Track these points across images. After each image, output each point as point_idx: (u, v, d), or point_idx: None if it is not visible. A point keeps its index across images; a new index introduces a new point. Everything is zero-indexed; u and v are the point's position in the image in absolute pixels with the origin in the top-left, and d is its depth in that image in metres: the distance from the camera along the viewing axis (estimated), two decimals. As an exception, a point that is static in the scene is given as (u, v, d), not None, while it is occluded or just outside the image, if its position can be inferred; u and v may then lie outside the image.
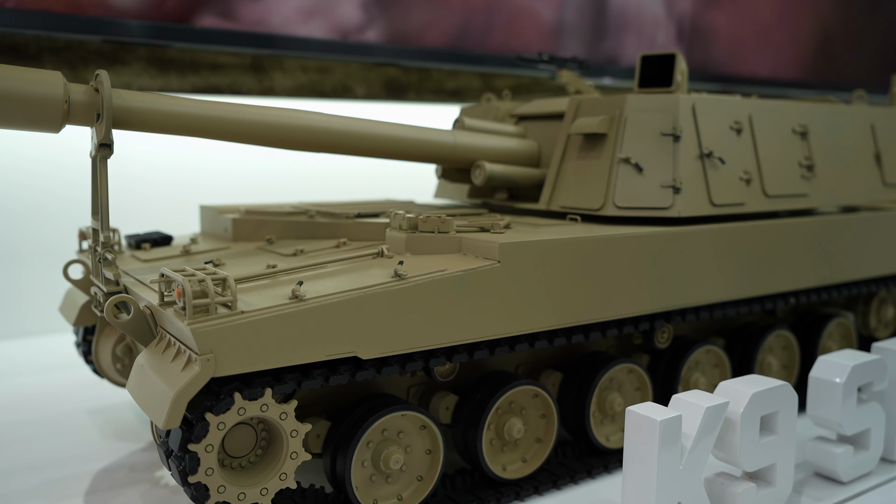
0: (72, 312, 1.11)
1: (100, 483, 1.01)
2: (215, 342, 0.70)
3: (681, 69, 1.20)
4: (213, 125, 0.96)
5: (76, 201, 1.70)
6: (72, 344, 1.61)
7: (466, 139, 1.18)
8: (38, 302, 1.72)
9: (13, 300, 1.71)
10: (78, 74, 1.51)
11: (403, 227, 0.95)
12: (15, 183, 1.68)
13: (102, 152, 0.88)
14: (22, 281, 1.71)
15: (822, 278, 1.23)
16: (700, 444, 0.80)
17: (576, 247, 0.93)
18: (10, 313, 1.71)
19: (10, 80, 0.82)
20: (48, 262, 1.72)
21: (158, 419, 0.69)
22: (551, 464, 1.01)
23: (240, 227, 1.14)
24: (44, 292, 1.71)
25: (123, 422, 1.22)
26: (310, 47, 1.57)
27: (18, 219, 1.69)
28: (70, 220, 1.71)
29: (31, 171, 1.69)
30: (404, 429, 0.88)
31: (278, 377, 0.76)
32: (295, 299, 0.75)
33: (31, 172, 1.69)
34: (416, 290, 0.81)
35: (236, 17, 1.49)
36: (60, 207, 1.72)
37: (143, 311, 0.81)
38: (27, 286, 1.71)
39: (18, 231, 1.71)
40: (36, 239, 1.71)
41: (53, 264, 1.71)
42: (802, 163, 1.22)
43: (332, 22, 1.65)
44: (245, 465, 0.78)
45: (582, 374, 1.03)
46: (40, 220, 1.71)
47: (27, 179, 1.69)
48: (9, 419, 1.23)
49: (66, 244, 1.68)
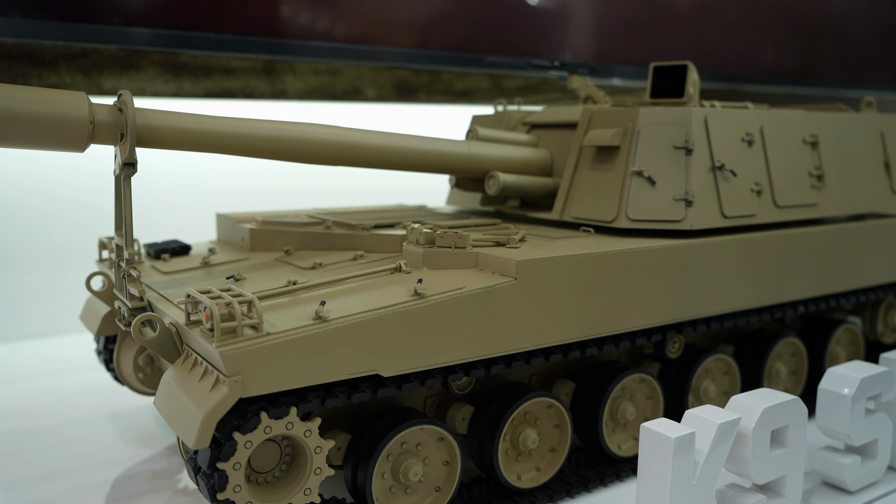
0: (94, 322, 1.13)
1: (123, 491, 1.03)
2: (243, 364, 0.72)
3: (693, 79, 1.22)
4: (233, 141, 0.97)
5: (91, 204, 1.72)
6: (89, 345, 1.64)
7: (480, 149, 1.20)
8: (54, 303, 1.74)
9: (28, 301, 1.73)
10: (93, 80, 1.52)
11: (421, 241, 0.97)
12: (31, 187, 1.70)
13: (126, 171, 0.89)
14: (38, 282, 1.73)
15: (831, 286, 1.25)
16: (712, 459, 0.82)
17: (591, 262, 0.95)
18: (27, 314, 1.74)
19: (37, 102, 0.84)
20: (63, 264, 1.74)
21: (188, 439, 0.71)
22: (565, 472, 1.03)
23: (257, 238, 1.15)
24: (62, 293, 1.73)
25: (143, 427, 1.24)
26: (321, 53, 1.58)
27: (31, 221, 1.71)
28: (84, 222, 1.74)
29: (50, 177, 1.71)
30: (423, 441, 0.90)
31: (302, 395, 0.78)
32: (318, 320, 0.77)
33: (51, 179, 1.71)
34: (436, 308, 0.83)
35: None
36: (77, 211, 1.74)
37: (169, 329, 0.83)
38: (43, 287, 1.74)
39: (34, 233, 1.73)
40: (52, 241, 1.73)
41: (68, 266, 1.73)
42: (812, 172, 1.24)
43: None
44: (270, 479, 0.80)
45: (595, 383, 1.05)
46: (53, 222, 1.73)
47: (44, 184, 1.71)
48: (30, 424, 1.25)
49: (80, 245, 1.71)
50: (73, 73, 1.50)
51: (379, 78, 1.88)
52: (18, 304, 1.73)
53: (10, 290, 1.71)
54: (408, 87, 1.93)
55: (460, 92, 2.02)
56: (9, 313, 1.72)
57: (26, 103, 0.83)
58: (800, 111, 1.28)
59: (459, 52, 1.74)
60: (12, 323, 1.72)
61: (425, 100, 1.98)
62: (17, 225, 1.70)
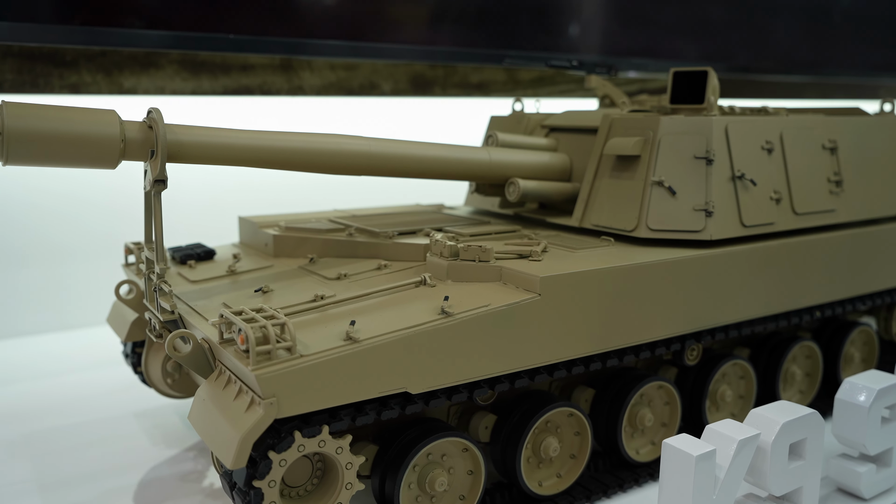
0: (122, 328, 1.15)
1: (154, 494, 1.06)
2: (278, 386, 0.74)
3: (713, 86, 1.22)
4: (261, 155, 0.99)
5: (110, 196, 1.74)
6: (112, 339, 1.66)
7: (500, 156, 1.21)
8: (76, 295, 1.77)
9: (48, 295, 1.76)
10: (113, 79, 1.53)
11: (445, 254, 0.99)
12: (49, 185, 1.72)
13: (157, 187, 0.91)
14: (60, 276, 1.76)
15: (848, 290, 1.26)
16: (732, 474, 0.84)
17: (614, 276, 0.96)
18: (50, 308, 1.77)
19: (70, 122, 0.85)
20: (80, 258, 1.77)
21: (226, 459, 0.73)
22: (584, 477, 1.05)
23: (281, 244, 1.17)
24: (84, 286, 1.76)
25: (170, 426, 1.27)
26: (338, 52, 1.59)
27: (43, 214, 1.73)
28: (104, 215, 1.76)
29: (67, 174, 1.73)
30: (448, 451, 0.92)
31: (334, 413, 0.80)
32: (349, 340, 0.79)
33: (69, 176, 1.73)
34: (462, 326, 0.85)
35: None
36: (94, 205, 1.76)
37: (202, 345, 0.85)
38: (67, 281, 1.76)
39: (53, 227, 1.75)
40: (74, 234, 1.76)
41: (89, 259, 1.76)
42: (831, 178, 1.24)
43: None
44: (302, 493, 0.83)
45: (614, 391, 1.07)
46: (71, 215, 1.75)
47: (61, 182, 1.72)
48: (58, 423, 1.28)
49: (99, 238, 1.74)
50: (93, 73, 1.51)
51: (395, 72, 1.88)
52: (41, 298, 1.76)
53: (32, 284, 1.74)
54: (423, 80, 1.93)
55: (475, 85, 2.02)
56: (30, 307, 1.75)
57: (59, 123, 0.84)
58: (819, 116, 1.28)
59: (476, 48, 1.74)
60: (35, 316, 1.75)
61: (441, 93, 1.98)
62: (34, 219, 1.72)
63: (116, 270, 1.64)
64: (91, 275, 1.76)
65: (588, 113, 1.33)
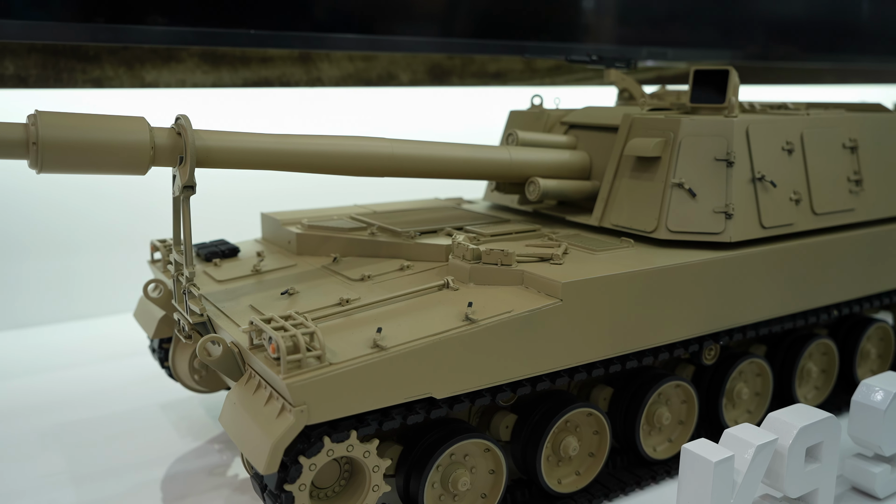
0: (150, 325, 1.18)
1: (183, 488, 1.09)
2: (308, 394, 0.76)
3: (734, 85, 1.22)
4: (286, 159, 1.00)
5: (126, 187, 1.76)
6: (131, 327, 1.69)
7: (521, 155, 1.22)
8: (94, 284, 1.80)
9: (67, 284, 1.79)
10: (135, 73, 1.55)
11: (467, 257, 1.00)
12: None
13: (185, 193, 0.93)
14: (83, 264, 1.79)
15: (865, 289, 1.27)
16: (750, 479, 0.86)
17: (635, 280, 0.97)
18: (68, 295, 1.80)
19: (101, 130, 0.86)
20: (101, 246, 1.80)
21: (258, 465, 0.76)
22: (603, 475, 1.07)
23: (304, 243, 1.19)
24: (102, 275, 1.79)
25: (195, 418, 1.30)
26: (357, 46, 1.60)
27: (62, 205, 1.75)
28: (123, 206, 1.78)
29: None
30: (470, 452, 0.94)
31: (361, 419, 0.82)
32: (376, 348, 0.81)
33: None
34: (486, 332, 0.87)
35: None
36: (114, 195, 1.78)
37: (232, 349, 0.87)
38: (91, 269, 1.79)
39: (72, 217, 1.77)
40: (89, 223, 1.78)
41: (105, 247, 1.79)
42: (851, 178, 1.24)
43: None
44: (330, 494, 0.85)
45: (632, 390, 1.09)
46: (90, 205, 1.77)
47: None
48: (86, 415, 1.32)
49: (120, 230, 1.76)
50: (115, 67, 1.52)
51: (413, 62, 1.88)
52: (60, 287, 1.79)
53: (54, 273, 1.77)
54: (441, 70, 1.94)
55: (493, 74, 2.02)
56: (49, 296, 1.78)
57: (90, 132, 0.86)
58: (840, 115, 1.28)
59: (494, 39, 1.74)
60: (55, 305, 1.78)
61: (458, 83, 1.98)
62: (52, 210, 1.74)
63: (133, 260, 1.67)
64: (109, 264, 1.79)
65: (608, 110, 1.33)
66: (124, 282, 1.75)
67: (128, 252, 1.75)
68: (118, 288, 1.79)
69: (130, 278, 1.68)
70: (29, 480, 1.11)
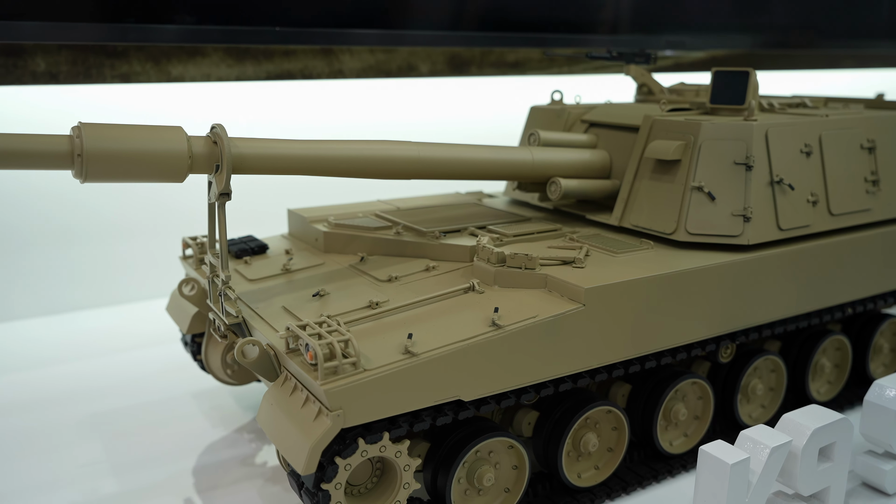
0: (184, 321, 1.22)
1: (217, 478, 1.13)
2: (344, 399, 0.80)
3: (753, 86, 1.24)
4: (315, 164, 1.03)
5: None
6: (158, 314, 1.73)
7: (542, 155, 1.24)
8: (122, 271, 1.85)
9: (95, 270, 1.83)
10: (161, 68, 1.57)
11: (492, 261, 1.03)
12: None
13: (221, 200, 0.96)
14: (114, 251, 1.83)
15: (880, 286, 1.29)
16: (764, 478, 0.90)
17: (655, 284, 1.00)
18: (103, 282, 1.84)
19: (141, 140, 0.90)
20: (135, 233, 1.84)
21: (297, 465, 0.80)
22: (621, 469, 1.11)
23: (331, 241, 1.22)
24: (131, 261, 1.84)
25: (227, 408, 1.34)
26: (379, 41, 1.62)
27: (91, 192, 1.79)
28: (157, 191, 1.82)
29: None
30: (494, 449, 0.98)
31: (393, 421, 0.86)
32: (407, 354, 0.85)
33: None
34: (511, 337, 0.90)
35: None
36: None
37: (268, 351, 0.91)
38: (120, 255, 1.84)
39: (100, 203, 1.81)
40: (122, 209, 1.82)
41: (139, 234, 1.83)
42: (868, 178, 1.26)
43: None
44: (363, 491, 0.90)
45: (650, 387, 1.12)
46: (119, 192, 1.81)
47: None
48: (121, 404, 1.36)
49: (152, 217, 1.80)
50: (143, 62, 1.55)
51: (432, 53, 1.90)
52: (98, 272, 1.83)
53: (87, 260, 1.81)
54: (460, 60, 1.95)
55: (511, 63, 2.04)
56: (80, 282, 1.82)
57: (131, 142, 0.89)
58: (858, 114, 1.29)
59: (514, 32, 1.75)
60: (84, 292, 1.83)
61: (477, 72, 2.00)
62: (81, 196, 1.78)
63: (167, 247, 1.71)
64: (142, 250, 1.83)
65: (628, 108, 1.35)
66: (157, 268, 1.80)
67: (161, 239, 1.79)
68: (151, 274, 1.83)
69: (163, 264, 1.73)
70: (70, 469, 1.16)
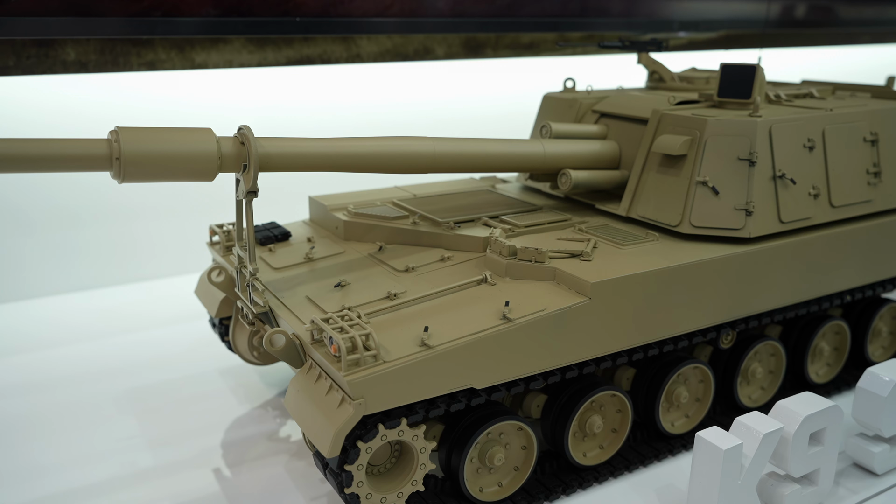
0: (212, 305, 1.29)
1: (245, 453, 1.21)
2: (365, 389, 0.87)
3: (760, 81, 1.27)
4: (337, 161, 1.09)
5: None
6: (186, 290, 1.80)
7: (554, 148, 1.29)
8: (159, 246, 1.92)
9: (129, 246, 1.90)
10: (185, 55, 1.62)
11: (503, 253, 1.09)
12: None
13: (249, 197, 1.02)
14: (140, 227, 1.90)
15: (878, 274, 1.34)
16: (756, 462, 0.96)
17: (659, 277, 1.06)
18: (131, 258, 1.92)
19: (173, 142, 0.95)
20: (161, 210, 1.91)
21: (322, 449, 0.87)
22: (624, 448, 1.18)
23: (350, 229, 1.28)
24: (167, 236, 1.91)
25: (252, 385, 1.42)
26: (396, 28, 1.65)
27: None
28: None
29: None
30: (505, 430, 1.05)
31: (410, 407, 0.93)
32: (424, 346, 0.91)
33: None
34: (521, 329, 0.96)
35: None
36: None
37: (294, 341, 0.98)
38: (146, 232, 1.91)
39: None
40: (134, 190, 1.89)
41: (165, 210, 1.90)
42: (870, 170, 1.30)
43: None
44: (382, 471, 0.97)
45: (653, 371, 1.18)
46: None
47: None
48: (152, 380, 1.44)
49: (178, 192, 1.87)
50: (167, 50, 1.60)
51: (448, 36, 1.94)
52: (125, 248, 1.90)
53: (112, 236, 1.88)
54: (476, 43, 1.99)
55: (526, 45, 2.07)
56: (101, 260, 1.90)
57: (164, 144, 0.95)
58: (863, 106, 1.32)
59: (527, 17, 1.78)
60: (109, 269, 1.91)
61: (492, 54, 2.03)
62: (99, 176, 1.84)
63: (193, 223, 1.77)
64: (168, 226, 1.90)
65: (638, 99, 1.39)
66: (185, 245, 1.86)
67: (188, 217, 1.85)
68: (178, 251, 1.90)
69: (191, 243, 1.79)
70: (108, 443, 1.24)
